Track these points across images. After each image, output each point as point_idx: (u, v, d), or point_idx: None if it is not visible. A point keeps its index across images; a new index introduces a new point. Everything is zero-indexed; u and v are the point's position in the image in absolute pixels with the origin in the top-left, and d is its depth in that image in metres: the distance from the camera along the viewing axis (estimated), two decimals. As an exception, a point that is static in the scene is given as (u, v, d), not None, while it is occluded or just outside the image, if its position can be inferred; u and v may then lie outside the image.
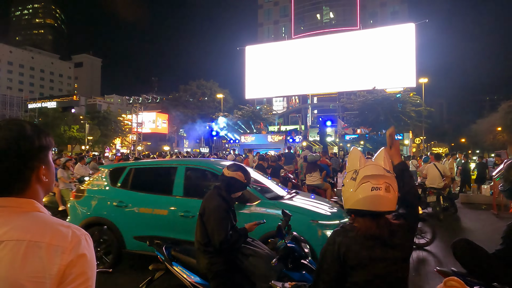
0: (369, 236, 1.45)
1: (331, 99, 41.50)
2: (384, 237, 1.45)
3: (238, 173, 2.91)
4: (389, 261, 1.44)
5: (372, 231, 1.44)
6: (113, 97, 72.99)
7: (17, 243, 0.86)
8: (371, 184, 1.42)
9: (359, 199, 1.43)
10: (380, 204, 1.42)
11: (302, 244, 2.80)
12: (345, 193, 1.52)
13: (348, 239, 1.49)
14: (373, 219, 1.45)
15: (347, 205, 1.52)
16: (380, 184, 1.41)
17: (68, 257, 0.88)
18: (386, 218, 1.48)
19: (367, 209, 1.43)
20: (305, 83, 38.15)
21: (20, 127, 0.95)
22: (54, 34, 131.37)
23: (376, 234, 1.44)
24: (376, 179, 1.42)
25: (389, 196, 1.42)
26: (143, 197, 4.69)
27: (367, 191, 1.42)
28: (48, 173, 1.02)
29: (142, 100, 19.13)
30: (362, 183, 1.43)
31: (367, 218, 1.46)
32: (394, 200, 1.45)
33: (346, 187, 1.52)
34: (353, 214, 1.53)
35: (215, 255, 2.73)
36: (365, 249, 1.45)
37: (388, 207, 1.43)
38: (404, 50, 33.55)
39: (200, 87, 49.54)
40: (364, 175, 1.44)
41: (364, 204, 1.43)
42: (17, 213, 0.92)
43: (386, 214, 1.46)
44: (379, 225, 1.44)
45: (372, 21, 46.26)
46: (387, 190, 1.42)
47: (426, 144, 42.52)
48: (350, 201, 1.48)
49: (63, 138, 42.42)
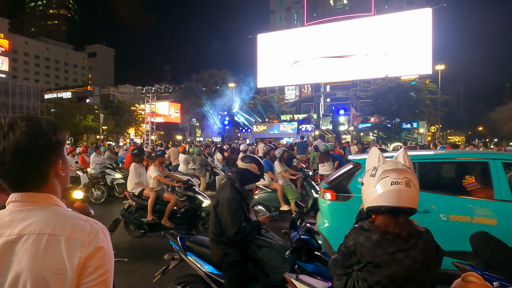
0: (388, 234, 1.41)
1: (344, 87, 40.89)
2: (403, 236, 1.40)
3: (252, 165, 2.93)
4: (409, 261, 1.40)
5: (391, 229, 1.40)
6: (126, 87, 73.76)
7: (38, 237, 0.89)
8: (390, 178, 1.39)
9: (379, 195, 1.40)
10: (401, 198, 1.38)
11: (315, 236, 2.80)
12: (365, 192, 1.49)
13: (365, 238, 1.46)
14: (393, 217, 1.41)
15: (367, 204, 1.48)
16: (400, 179, 1.38)
17: (87, 250, 0.90)
18: (407, 217, 1.43)
19: (387, 204, 1.39)
20: (318, 71, 37.65)
21: (37, 123, 0.96)
22: (67, 25, 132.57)
23: (395, 232, 1.40)
24: (396, 173, 1.39)
25: (409, 191, 1.38)
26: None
27: (387, 185, 1.38)
28: (64, 168, 1.04)
29: (155, 90, 19.20)
30: (381, 178, 1.40)
31: (387, 215, 1.42)
32: (415, 196, 1.41)
33: (365, 185, 1.49)
34: (373, 215, 1.49)
35: (229, 246, 2.75)
36: (383, 247, 1.42)
37: (408, 202, 1.39)
38: (420, 36, 32.59)
39: (212, 76, 49.44)
40: (383, 170, 1.41)
41: (383, 199, 1.39)
42: (37, 207, 0.95)
43: (407, 211, 1.41)
44: (398, 223, 1.40)
45: (387, 6, 44.98)
46: (408, 185, 1.38)
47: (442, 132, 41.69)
48: (370, 198, 1.45)
49: (79, 127, 43.26)
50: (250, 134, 30.61)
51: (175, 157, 11.82)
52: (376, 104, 28.60)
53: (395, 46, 33.54)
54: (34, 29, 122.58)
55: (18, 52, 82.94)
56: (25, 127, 0.93)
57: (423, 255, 1.39)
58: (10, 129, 0.93)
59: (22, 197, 0.95)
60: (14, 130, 0.92)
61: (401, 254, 1.39)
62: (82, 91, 64.82)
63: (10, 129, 0.93)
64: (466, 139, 38.50)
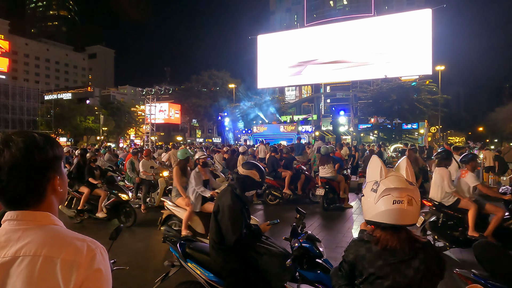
0: (389, 249, 1.40)
1: (344, 88, 40.86)
2: (405, 251, 1.39)
3: (253, 171, 2.89)
4: (411, 272, 1.38)
5: (394, 245, 1.38)
6: (126, 88, 73.77)
7: (33, 259, 0.86)
8: (392, 197, 1.36)
9: (380, 212, 1.38)
10: (403, 218, 1.36)
11: (316, 244, 2.77)
12: (365, 204, 1.47)
13: (365, 250, 1.45)
14: (394, 232, 1.40)
15: (367, 216, 1.47)
16: (403, 197, 1.36)
17: (83, 273, 0.87)
18: (409, 231, 1.42)
19: (388, 222, 1.38)
20: (318, 71, 37.62)
21: (33, 139, 0.94)
22: (68, 26, 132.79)
23: (397, 248, 1.39)
24: (398, 192, 1.37)
25: (411, 210, 1.36)
26: None
27: (388, 204, 1.36)
28: (62, 183, 1.01)
29: (154, 92, 19.18)
30: (383, 196, 1.38)
31: (388, 231, 1.41)
32: (416, 213, 1.40)
33: (366, 197, 1.47)
34: (372, 225, 1.48)
35: (229, 253, 2.72)
36: (383, 261, 1.41)
37: (410, 220, 1.38)
38: (420, 37, 32.61)
39: (212, 77, 49.47)
40: (386, 187, 1.38)
41: (385, 218, 1.38)
42: (33, 227, 0.92)
43: (408, 227, 1.40)
44: (400, 239, 1.39)
45: (387, 7, 45.01)
46: (410, 203, 1.36)
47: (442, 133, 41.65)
48: (371, 213, 1.43)
49: (79, 129, 43.24)
50: (250, 135, 30.57)
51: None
52: (376, 105, 28.56)
53: (395, 47, 33.56)
54: (34, 30, 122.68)
55: (18, 53, 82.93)
56: (21, 143, 0.91)
57: (424, 266, 1.37)
58: (6, 146, 0.90)
59: (18, 216, 0.92)
60: (9, 146, 0.90)
61: (403, 265, 1.38)
62: (82, 92, 64.84)
63: (5, 145, 0.90)
64: (466, 139, 38.47)
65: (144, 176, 8.47)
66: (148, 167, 8.61)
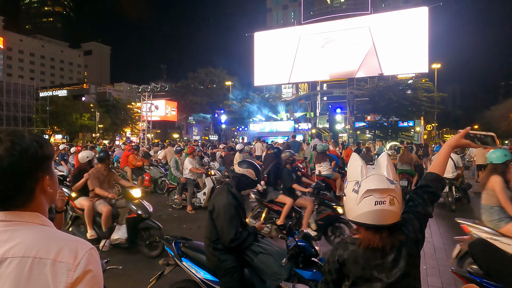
0: (371, 249, 1.42)
1: (340, 86, 40.89)
2: (386, 250, 1.41)
3: (249, 170, 2.89)
4: (393, 273, 1.40)
5: (375, 244, 1.40)
6: (122, 85, 73.44)
7: (22, 260, 0.84)
8: (374, 198, 1.36)
9: (363, 214, 1.38)
10: (385, 218, 1.37)
11: (312, 242, 2.77)
12: (347, 204, 1.47)
13: (349, 252, 1.47)
14: (376, 232, 1.41)
15: (350, 216, 1.47)
16: (384, 198, 1.35)
17: (74, 274, 0.86)
18: (390, 229, 1.42)
19: (370, 223, 1.38)
20: (315, 69, 37.61)
21: (22, 138, 0.92)
22: (63, 22, 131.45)
23: (379, 247, 1.41)
24: (379, 193, 1.36)
25: (393, 209, 1.37)
26: None
27: (370, 205, 1.36)
28: (52, 183, 0.99)
29: (151, 89, 19.05)
30: (365, 197, 1.37)
31: (370, 231, 1.42)
32: (398, 212, 1.40)
33: (348, 198, 1.46)
34: (356, 225, 1.48)
35: (225, 252, 2.72)
36: (366, 261, 1.43)
37: (392, 219, 1.38)
38: (417, 35, 32.66)
39: (208, 75, 49.30)
40: (367, 188, 1.37)
41: (368, 219, 1.38)
42: (22, 227, 0.90)
43: (390, 226, 1.41)
44: (382, 238, 1.40)
45: (384, 5, 45.05)
46: (391, 203, 1.36)
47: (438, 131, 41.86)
48: (353, 213, 1.43)
49: (75, 126, 42.96)
50: (246, 133, 30.57)
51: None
52: (373, 103, 28.65)
53: (391, 45, 33.59)
54: (29, 26, 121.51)
55: (13, 49, 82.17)
56: (9, 143, 0.89)
57: (406, 264, 1.40)
58: None
59: (7, 216, 0.90)
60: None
61: (387, 264, 1.41)
62: (78, 89, 64.39)
63: None
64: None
65: (190, 175, 8.28)
66: (195, 165, 8.47)
